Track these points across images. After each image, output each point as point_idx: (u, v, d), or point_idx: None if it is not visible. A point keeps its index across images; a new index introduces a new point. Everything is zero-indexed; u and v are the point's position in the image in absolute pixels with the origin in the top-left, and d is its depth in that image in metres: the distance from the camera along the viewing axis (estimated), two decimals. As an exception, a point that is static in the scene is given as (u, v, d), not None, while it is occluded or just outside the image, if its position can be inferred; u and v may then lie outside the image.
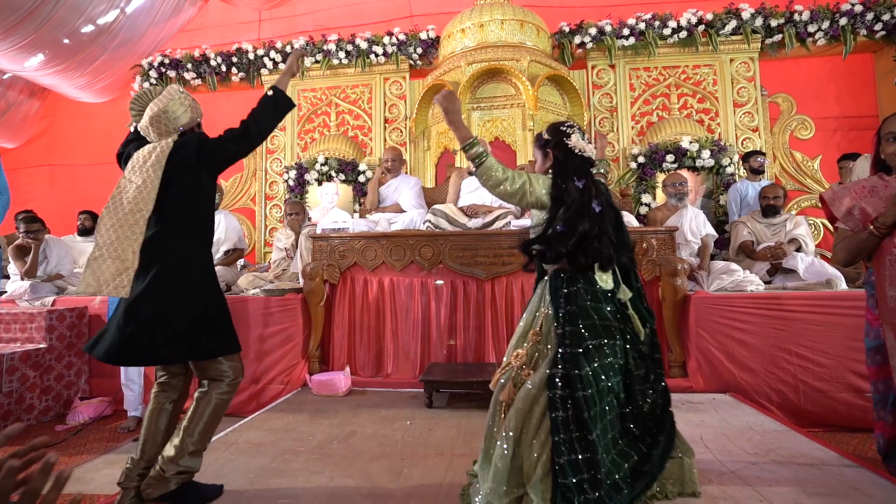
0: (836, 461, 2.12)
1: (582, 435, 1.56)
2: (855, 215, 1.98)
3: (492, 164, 1.78)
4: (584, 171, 1.80)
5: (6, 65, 5.78)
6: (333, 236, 3.76)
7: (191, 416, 1.89)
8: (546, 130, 1.91)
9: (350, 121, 5.76)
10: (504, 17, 5.04)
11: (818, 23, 5.04)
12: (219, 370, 1.94)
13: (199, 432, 1.87)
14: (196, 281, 1.91)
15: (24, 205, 5.74)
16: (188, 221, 1.94)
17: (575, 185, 1.76)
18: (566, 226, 1.71)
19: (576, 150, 1.81)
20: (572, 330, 1.68)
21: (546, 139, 1.88)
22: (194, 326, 1.85)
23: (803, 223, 3.94)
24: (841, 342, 2.97)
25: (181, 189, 1.91)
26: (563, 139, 1.82)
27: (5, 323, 3.77)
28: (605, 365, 1.66)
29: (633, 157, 5.09)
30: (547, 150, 1.88)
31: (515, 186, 1.78)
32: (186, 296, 1.86)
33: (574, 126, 1.87)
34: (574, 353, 1.64)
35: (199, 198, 1.97)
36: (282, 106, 2.06)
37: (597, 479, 1.52)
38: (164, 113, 1.96)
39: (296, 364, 3.58)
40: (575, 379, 1.60)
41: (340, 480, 2.03)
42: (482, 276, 3.54)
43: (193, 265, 1.92)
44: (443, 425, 2.69)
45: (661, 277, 3.39)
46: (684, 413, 2.80)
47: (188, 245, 1.93)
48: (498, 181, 1.78)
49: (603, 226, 1.76)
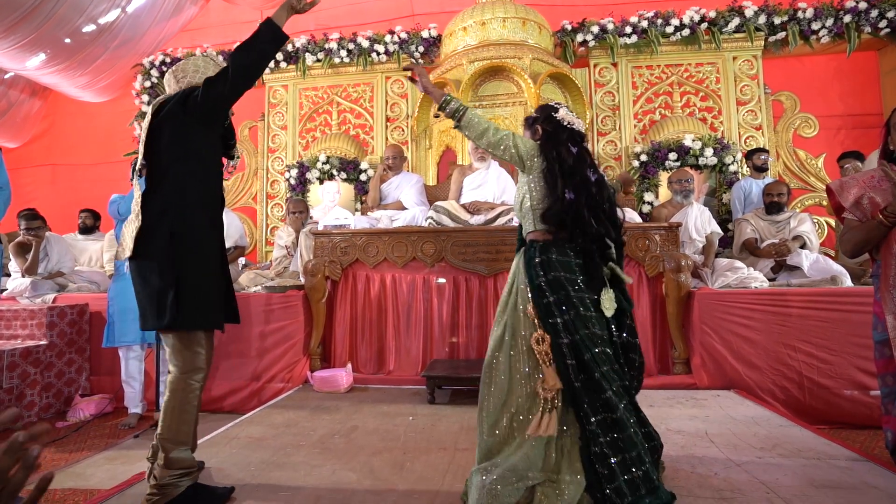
0: (844, 455, 2.09)
1: (594, 399, 1.58)
2: (864, 205, 1.96)
3: (474, 114, 1.85)
4: (576, 140, 1.80)
5: (8, 64, 5.78)
6: (335, 233, 3.74)
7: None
8: (535, 110, 1.94)
9: (352, 119, 5.75)
10: (506, 15, 5.03)
11: (822, 20, 5.02)
12: (173, 350, 1.81)
13: (167, 424, 1.79)
14: (169, 244, 1.78)
15: (26, 204, 5.72)
16: (176, 178, 1.83)
17: (569, 150, 1.76)
18: (574, 193, 1.69)
19: (564, 122, 1.81)
20: (548, 301, 1.66)
21: (534, 116, 1.91)
22: (161, 295, 1.75)
23: (807, 220, 3.91)
24: (846, 339, 2.95)
25: (167, 143, 1.84)
26: (551, 113, 1.85)
27: (6, 320, 3.76)
28: (591, 335, 1.63)
29: (636, 156, 5.07)
30: (535, 126, 1.89)
31: (499, 135, 1.82)
32: (157, 259, 1.77)
33: (562, 104, 1.90)
34: (553, 322, 1.63)
35: (188, 152, 1.84)
36: (265, 36, 1.83)
37: (627, 439, 1.55)
38: (179, 67, 1.93)
39: (297, 361, 3.56)
40: (560, 348, 1.61)
41: (342, 474, 2.01)
42: (484, 273, 3.53)
43: (173, 224, 1.79)
44: (445, 421, 2.67)
45: (665, 273, 3.36)
46: (688, 409, 2.78)
47: (172, 203, 1.81)
48: (482, 129, 1.83)
49: (597, 198, 1.74)
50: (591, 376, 1.58)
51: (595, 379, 1.58)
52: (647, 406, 2.79)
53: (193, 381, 1.82)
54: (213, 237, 1.92)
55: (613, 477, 1.52)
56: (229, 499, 1.81)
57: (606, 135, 5.32)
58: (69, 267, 4.45)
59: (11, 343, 3.60)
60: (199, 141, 1.87)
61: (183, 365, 1.81)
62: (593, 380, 1.58)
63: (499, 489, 1.56)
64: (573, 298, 1.65)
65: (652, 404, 2.87)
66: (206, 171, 1.90)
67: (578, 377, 1.60)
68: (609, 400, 1.57)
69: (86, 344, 3.93)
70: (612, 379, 1.61)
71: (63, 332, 3.76)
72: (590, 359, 1.60)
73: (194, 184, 1.86)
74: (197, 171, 1.87)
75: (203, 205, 1.88)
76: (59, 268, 4.36)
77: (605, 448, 1.54)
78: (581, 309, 1.65)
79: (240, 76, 1.81)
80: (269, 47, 1.86)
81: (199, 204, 1.87)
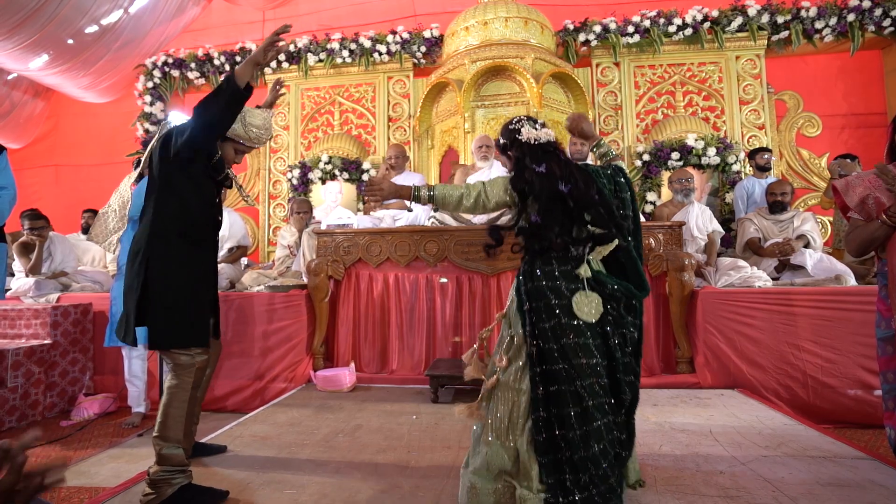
0: (849, 454, 2.09)
1: (558, 412, 1.55)
2: (869, 205, 1.95)
3: (442, 191, 1.83)
4: (541, 156, 1.75)
5: (11, 64, 5.80)
6: (338, 232, 3.74)
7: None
8: (500, 134, 1.89)
9: (354, 119, 5.76)
10: (508, 15, 5.04)
11: (825, 19, 5.02)
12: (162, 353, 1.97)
13: (158, 422, 1.89)
14: (142, 269, 1.89)
15: (30, 204, 5.74)
16: (155, 209, 1.94)
17: (535, 172, 1.71)
18: (542, 216, 1.67)
19: (530, 142, 1.77)
20: (530, 307, 1.67)
21: (503, 143, 1.87)
22: (128, 315, 1.91)
23: (811, 219, 3.90)
24: (850, 338, 2.94)
25: (152, 175, 2.01)
26: (515, 136, 1.80)
27: (10, 319, 3.77)
28: (576, 344, 1.59)
29: (638, 156, 5.07)
30: (507, 153, 1.86)
31: (471, 199, 1.80)
32: (134, 281, 1.91)
33: (522, 119, 1.84)
34: (534, 330, 1.63)
35: (164, 186, 1.95)
36: (226, 94, 1.84)
37: (575, 459, 1.52)
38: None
39: (300, 361, 3.56)
40: (543, 353, 1.61)
41: (347, 472, 2.01)
42: (487, 272, 3.53)
43: (147, 250, 1.90)
44: (449, 420, 2.67)
45: (668, 272, 3.36)
46: (692, 408, 2.78)
47: (149, 235, 1.92)
48: (457, 201, 1.81)
49: (577, 204, 1.67)
50: (560, 389, 1.57)
51: (562, 392, 1.57)
52: (650, 405, 2.81)
53: (182, 380, 1.90)
54: (196, 260, 2.00)
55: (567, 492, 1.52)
56: (224, 501, 1.82)
57: (609, 134, 5.32)
58: (72, 267, 4.46)
59: (16, 342, 3.61)
60: (176, 177, 1.96)
61: (173, 366, 1.92)
62: (560, 392, 1.57)
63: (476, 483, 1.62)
64: (553, 309, 1.63)
65: (656, 403, 2.87)
66: (183, 204, 1.96)
67: (545, 386, 1.59)
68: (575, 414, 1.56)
69: (89, 343, 3.94)
70: (587, 395, 1.57)
71: (67, 331, 3.76)
72: (559, 370, 1.58)
73: (170, 216, 1.94)
74: (171, 203, 1.95)
75: (181, 234, 1.95)
76: (62, 267, 4.37)
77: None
78: (563, 318, 1.62)
79: (199, 132, 1.89)
80: (230, 103, 1.87)
81: (176, 233, 1.94)
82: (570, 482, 1.52)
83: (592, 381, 1.57)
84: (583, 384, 1.56)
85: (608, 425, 1.58)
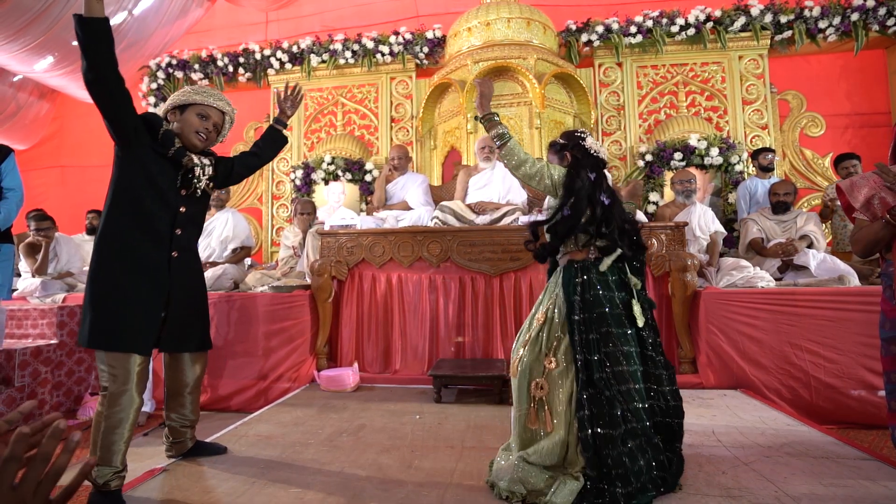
0: (852, 455, 2.09)
1: (605, 410, 1.66)
2: (874, 205, 1.95)
3: (515, 144, 2.00)
4: (597, 167, 1.95)
5: (17, 66, 5.85)
6: (341, 233, 3.76)
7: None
8: (561, 136, 2.09)
9: (356, 120, 5.78)
10: (510, 16, 5.05)
11: (829, 18, 5.01)
12: (100, 369, 1.84)
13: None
14: (95, 264, 1.86)
15: (36, 205, 5.76)
16: (108, 204, 1.91)
17: (588, 175, 1.91)
18: (572, 210, 1.85)
19: (591, 151, 1.97)
20: (584, 318, 1.77)
21: (563, 143, 2.05)
22: (85, 310, 1.85)
23: (814, 219, 3.90)
24: (853, 338, 2.93)
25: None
26: (579, 141, 2.00)
27: (17, 319, 3.80)
28: (620, 352, 1.74)
29: (641, 156, 5.07)
30: (565, 152, 2.03)
31: (535, 168, 1.97)
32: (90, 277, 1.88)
33: (586, 132, 2.06)
34: (587, 339, 1.74)
35: (114, 179, 1.93)
36: (80, 36, 1.76)
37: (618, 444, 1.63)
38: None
39: (303, 361, 3.57)
40: (592, 364, 1.70)
41: (351, 471, 2.02)
42: (490, 272, 3.53)
43: (98, 244, 1.88)
44: (452, 419, 2.68)
45: (671, 273, 3.36)
46: (695, 408, 2.77)
47: (102, 225, 1.89)
48: (521, 161, 1.97)
49: (610, 215, 1.87)
50: (601, 392, 1.68)
51: (606, 396, 1.68)
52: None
53: (102, 397, 1.83)
54: (141, 255, 1.90)
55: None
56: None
57: (611, 135, 5.33)
58: (78, 267, 4.49)
59: (23, 342, 3.64)
60: (123, 161, 1.93)
61: (106, 383, 1.83)
62: (602, 395, 1.68)
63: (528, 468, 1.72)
64: (607, 317, 1.76)
65: (658, 403, 2.87)
66: (135, 201, 1.90)
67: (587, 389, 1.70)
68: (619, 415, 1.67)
69: (95, 343, 3.96)
70: (625, 399, 1.70)
71: (73, 331, 3.79)
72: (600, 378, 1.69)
73: (119, 212, 1.89)
74: (119, 191, 1.91)
75: (134, 224, 1.90)
76: (68, 268, 4.40)
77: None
78: (612, 328, 1.76)
79: (88, 86, 1.82)
80: (89, 37, 1.76)
81: (127, 224, 1.89)
82: (610, 475, 1.61)
83: (630, 387, 1.72)
84: (622, 389, 1.71)
85: (644, 428, 1.71)
